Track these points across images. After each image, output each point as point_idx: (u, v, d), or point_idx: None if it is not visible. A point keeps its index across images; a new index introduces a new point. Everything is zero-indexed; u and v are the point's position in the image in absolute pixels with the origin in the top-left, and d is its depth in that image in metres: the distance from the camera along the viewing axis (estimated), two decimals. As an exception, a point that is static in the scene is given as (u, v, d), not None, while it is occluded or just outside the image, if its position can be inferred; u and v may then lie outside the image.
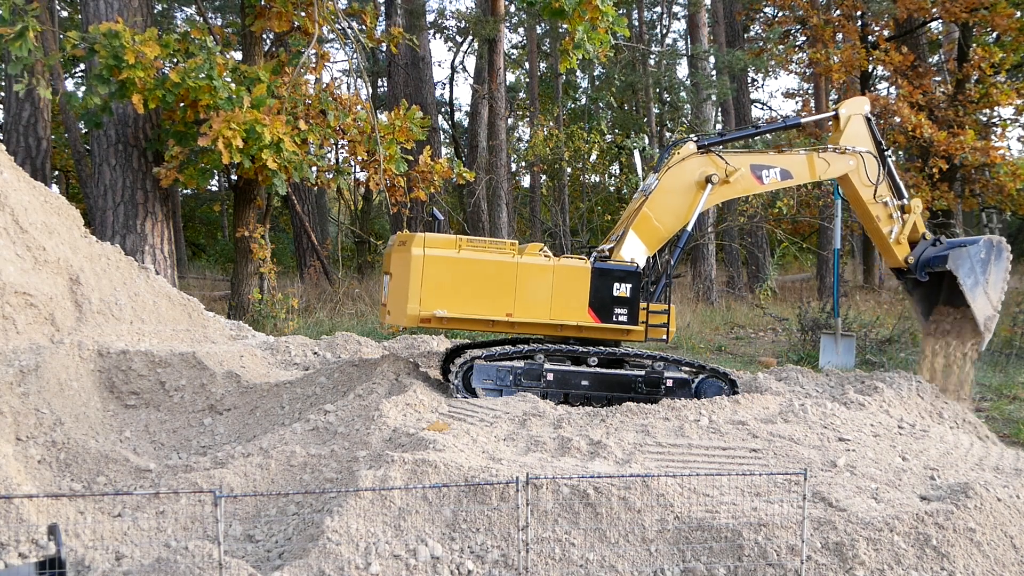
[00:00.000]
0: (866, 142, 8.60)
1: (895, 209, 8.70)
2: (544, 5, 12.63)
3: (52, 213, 9.14)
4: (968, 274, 8.41)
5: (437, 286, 7.17)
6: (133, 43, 11.14)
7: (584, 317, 7.45)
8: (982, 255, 8.46)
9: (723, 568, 4.58)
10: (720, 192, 8.23)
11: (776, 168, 8.35)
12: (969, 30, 21.41)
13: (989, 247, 8.52)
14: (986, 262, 8.49)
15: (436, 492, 4.87)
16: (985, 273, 8.47)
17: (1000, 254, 8.56)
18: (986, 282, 8.50)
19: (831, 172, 8.51)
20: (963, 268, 8.40)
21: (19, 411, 6.23)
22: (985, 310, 8.59)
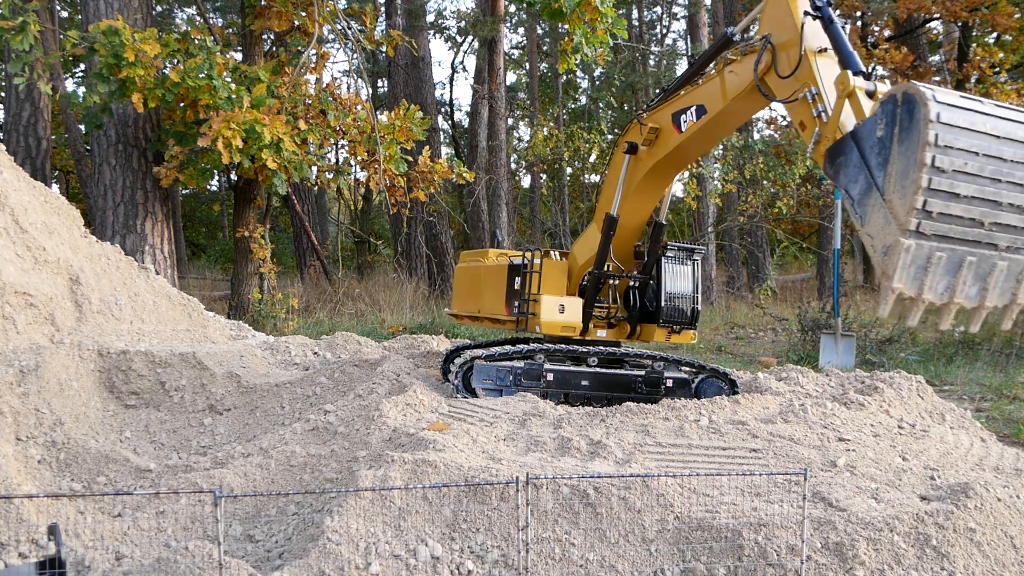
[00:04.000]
0: (787, 25, 5.63)
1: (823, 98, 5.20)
2: (543, 6, 12.63)
3: (52, 213, 9.14)
4: (853, 179, 4.62)
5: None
6: (133, 41, 11.14)
7: (501, 311, 8.01)
8: (879, 133, 4.46)
9: (723, 568, 4.58)
10: (645, 160, 7.07)
11: (692, 108, 6.59)
12: (969, 30, 21.42)
13: (889, 114, 4.35)
14: (885, 144, 4.40)
15: (436, 492, 4.87)
16: (885, 165, 4.37)
17: (911, 117, 4.20)
18: (887, 180, 4.36)
19: (741, 83, 6.09)
20: (846, 172, 4.67)
21: (19, 411, 6.23)
22: (881, 232, 4.36)
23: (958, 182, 4.05)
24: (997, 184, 4.10)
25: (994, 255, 4.17)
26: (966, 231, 4.13)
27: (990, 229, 4.15)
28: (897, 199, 4.16)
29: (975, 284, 4.18)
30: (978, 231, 4.13)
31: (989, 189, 4.09)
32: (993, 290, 4.20)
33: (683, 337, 7.77)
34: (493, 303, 8.16)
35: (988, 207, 4.10)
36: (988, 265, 4.15)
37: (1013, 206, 4.11)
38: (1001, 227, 4.15)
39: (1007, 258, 4.20)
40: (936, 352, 13.06)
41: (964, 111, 4.03)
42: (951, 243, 4.12)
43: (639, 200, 7.43)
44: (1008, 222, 4.14)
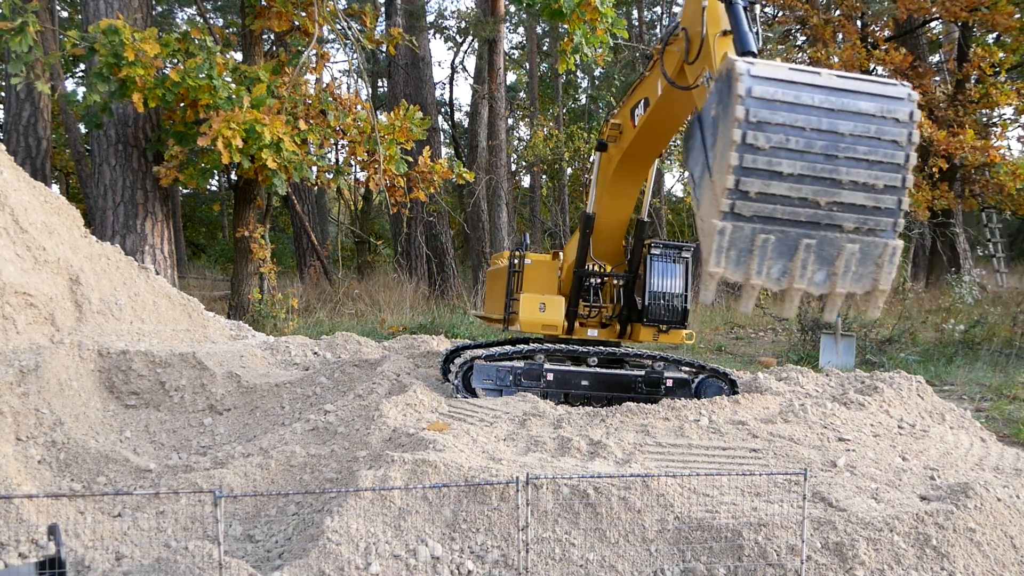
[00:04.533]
0: (694, 11, 5.29)
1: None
2: (543, 6, 12.63)
3: (52, 213, 9.14)
4: (696, 162, 4.23)
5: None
6: (133, 40, 11.14)
7: (500, 310, 8.06)
8: (712, 113, 4.06)
9: (723, 568, 4.58)
10: (613, 156, 7.09)
11: (640, 101, 6.60)
12: (969, 30, 21.43)
13: (718, 92, 3.98)
14: (716, 123, 4.00)
15: (436, 492, 4.87)
16: (714, 146, 3.97)
17: (729, 94, 3.82)
18: (714, 161, 3.96)
19: (670, 65, 5.80)
20: (691, 155, 4.34)
21: (19, 411, 6.23)
22: (708, 215, 3.97)
23: (780, 159, 3.70)
24: (834, 160, 3.70)
25: (840, 237, 3.76)
26: (797, 211, 3.75)
27: (830, 209, 3.74)
28: (717, 180, 3.84)
29: (821, 268, 3.80)
30: (814, 211, 3.75)
31: (823, 166, 3.70)
32: (845, 275, 3.81)
33: (673, 336, 7.64)
34: (496, 304, 8.25)
35: (824, 186, 3.72)
36: (834, 248, 3.76)
37: (857, 184, 3.71)
38: (844, 207, 3.74)
39: (859, 240, 3.77)
40: (936, 352, 13.06)
41: (787, 84, 3.71)
42: (780, 225, 3.76)
43: (614, 197, 7.46)
44: (852, 201, 3.73)
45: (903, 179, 3.73)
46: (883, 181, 3.72)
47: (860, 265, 3.79)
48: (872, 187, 3.72)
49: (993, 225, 21.78)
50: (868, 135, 3.70)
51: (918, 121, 3.77)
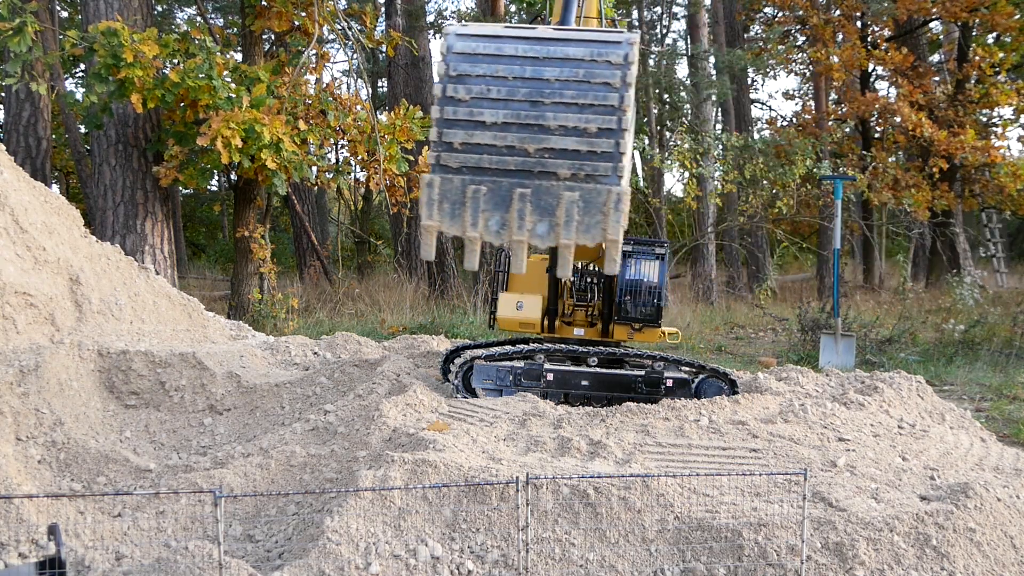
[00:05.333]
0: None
1: None
2: (542, 5, 12.63)
3: (52, 213, 9.14)
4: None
5: None
6: (132, 42, 11.14)
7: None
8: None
9: (723, 568, 4.58)
10: None
11: None
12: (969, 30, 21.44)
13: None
14: None
15: (436, 492, 4.87)
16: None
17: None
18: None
19: None
20: None
21: (19, 411, 6.23)
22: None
23: (482, 109, 3.60)
24: (540, 107, 3.57)
25: (557, 185, 3.58)
26: (506, 160, 3.61)
27: (541, 156, 3.58)
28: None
29: (542, 219, 3.61)
30: (523, 159, 3.60)
31: (529, 112, 3.57)
32: (569, 226, 3.59)
33: (648, 335, 7.59)
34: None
35: (531, 132, 3.58)
36: (552, 197, 3.58)
37: (567, 128, 3.55)
38: (557, 153, 3.57)
39: (579, 188, 3.56)
40: (936, 352, 13.06)
41: (491, 38, 3.68)
42: (490, 175, 3.62)
43: None
44: (564, 147, 3.56)
45: (618, 120, 3.55)
46: (596, 124, 3.56)
47: (584, 214, 3.59)
48: (584, 131, 3.55)
49: (993, 225, 21.78)
50: (576, 79, 3.57)
51: (634, 62, 3.59)
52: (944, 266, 21.66)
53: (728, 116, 25.49)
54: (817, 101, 23.83)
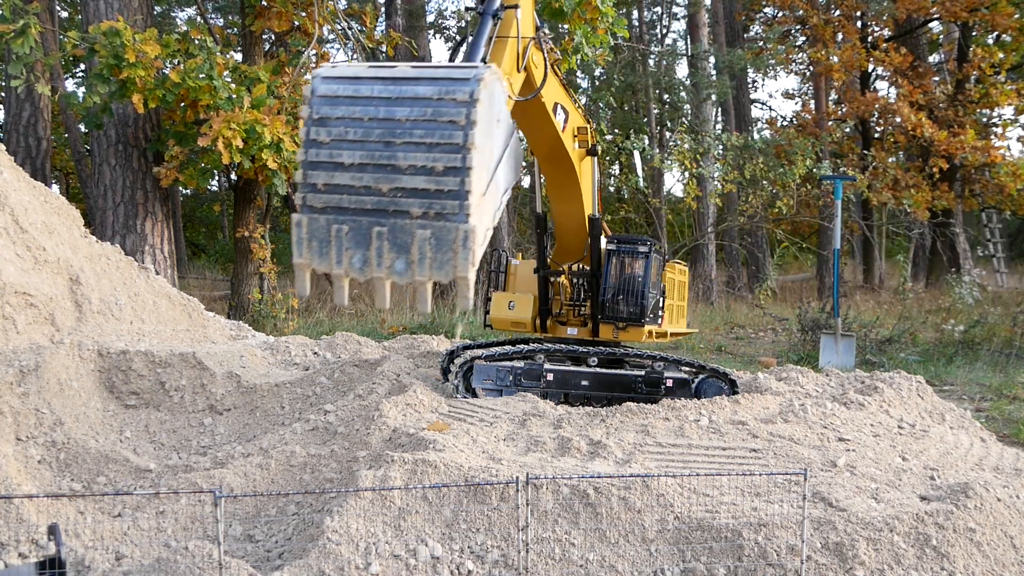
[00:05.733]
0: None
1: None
2: (543, 6, 12.62)
3: (52, 213, 9.14)
4: None
5: None
6: (133, 42, 11.14)
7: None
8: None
9: (723, 568, 4.58)
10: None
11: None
12: (969, 30, 21.43)
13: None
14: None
15: (436, 492, 4.87)
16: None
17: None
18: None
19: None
20: None
21: (19, 411, 6.23)
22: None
23: (341, 151, 3.71)
24: (392, 147, 3.66)
25: (410, 223, 3.66)
26: (363, 200, 3.71)
27: (393, 195, 3.67)
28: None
29: (399, 256, 3.73)
30: (378, 199, 3.69)
31: (382, 153, 3.67)
32: (423, 263, 3.71)
33: (633, 334, 7.51)
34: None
35: (384, 172, 3.68)
36: (406, 235, 3.68)
37: (416, 168, 3.63)
38: (408, 192, 3.66)
39: (430, 225, 3.64)
40: (936, 352, 13.06)
41: (351, 80, 3.78)
42: (351, 214, 3.73)
43: (549, 195, 7.51)
44: (414, 186, 3.64)
45: (463, 159, 3.60)
46: (442, 163, 3.62)
47: (436, 251, 3.68)
48: (432, 170, 3.62)
49: (993, 225, 21.78)
50: (425, 119, 3.63)
51: (481, 99, 3.62)
52: (944, 266, 21.66)
53: (728, 116, 25.49)
54: (817, 101, 23.83)
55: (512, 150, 4.11)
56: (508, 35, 5.08)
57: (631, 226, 24.88)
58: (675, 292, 8.45)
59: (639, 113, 27.73)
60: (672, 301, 8.36)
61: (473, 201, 3.63)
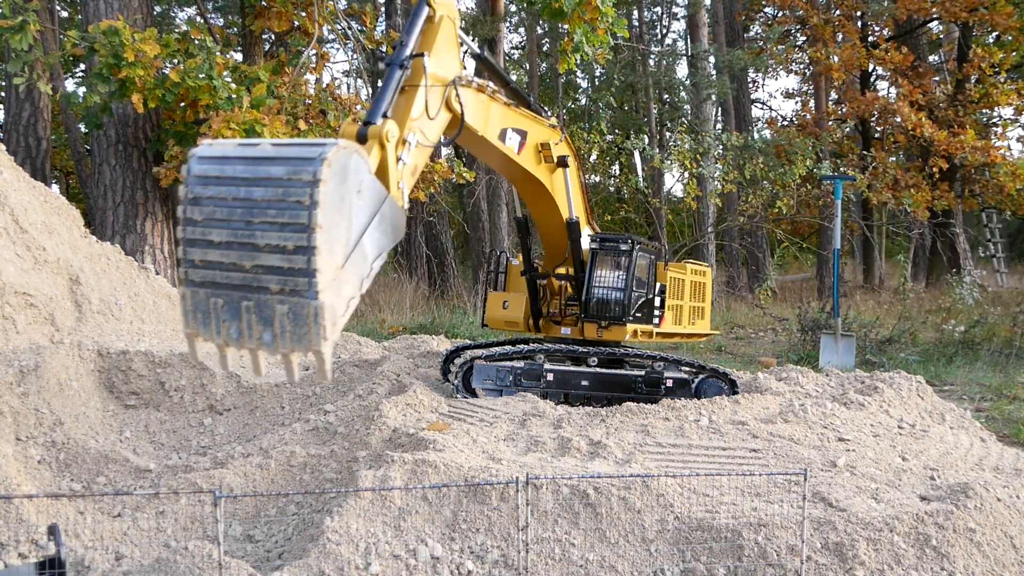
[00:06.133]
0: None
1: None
2: (544, 5, 12.62)
3: (52, 213, 9.14)
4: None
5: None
6: (133, 41, 11.14)
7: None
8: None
9: (723, 568, 4.58)
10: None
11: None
12: (969, 30, 21.43)
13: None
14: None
15: (436, 492, 4.87)
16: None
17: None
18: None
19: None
20: None
21: (19, 411, 6.23)
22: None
23: (212, 229, 3.95)
24: (252, 226, 3.88)
25: (272, 299, 3.89)
26: (231, 276, 3.96)
27: (256, 272, 3.90)
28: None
29: (266, 329, 3.94)
30: (244, 275, 3.93)
31: (244, 232, 3.89)
32: (284, 336, 3.93)
33: (615, 333, 7.46)
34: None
35: (247, 250, 3.90)
36: (270, 310, 3.91)
37: (272, 246, 3.84)
38: (267, 269, 3.87)
39: (288, 301, 3.87)
40: (936, 352, 13.06)
41: (220, 160, 4.01)
42: (224, 289, 3.99)
43: (526, 204, 7.67)
44: (271, 263, 3.85)
45: (309, 238, 3.77)
46: (292, 242, 3.80)
47: (294, 326, 3.88)
48: (284, 248, 3.81)
49: (993, 225, 21.78)
50: (277, 199, 3.82)
51: (324, 179, 3.77)
52: (944, 266, 21.66)
53: (728, 116, 25.49)
54: (817, 101, 23.83)
55: (385, 214, 4.32)
56: (418, 83, 5.23)
57: (631, 226, 24.88)
58: (683, 292, 8.29)
59: (639, 113, 27.73)
60: (679, 301, 8.24)
61: (323, 278, 3.82)
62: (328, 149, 3.85)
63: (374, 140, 4.75)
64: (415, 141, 5.07)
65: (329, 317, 3.87)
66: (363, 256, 4.17)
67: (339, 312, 4.02)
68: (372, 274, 4.32)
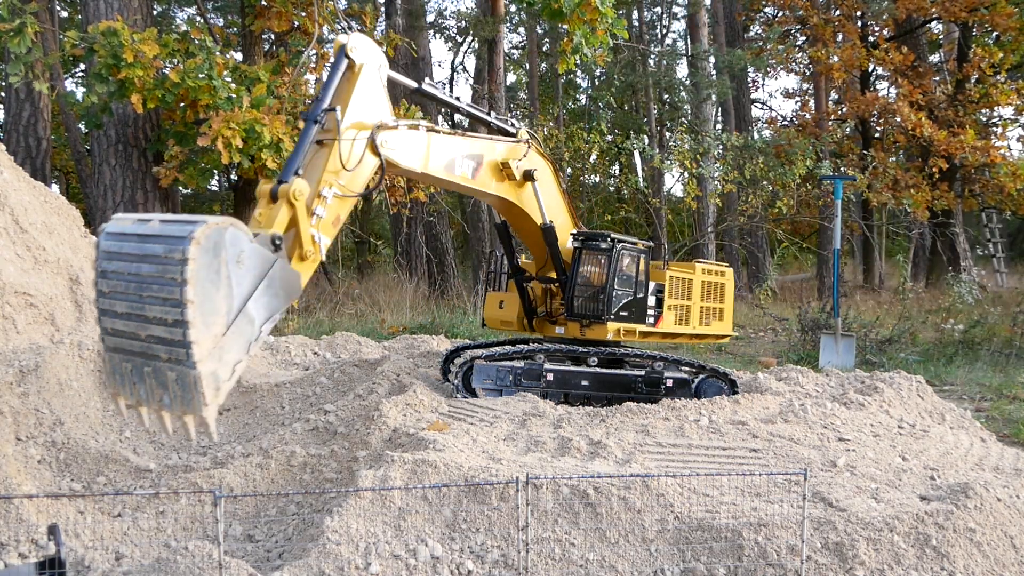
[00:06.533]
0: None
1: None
2: (543, 6, 12.62)
3: (52, 213, 9.14)
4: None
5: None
6: (132, 42, 11.14)
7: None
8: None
9: (723, 568, 4.58)
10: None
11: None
12: (969, 30, 21.42)
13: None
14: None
15: (436, 492, 4.87)
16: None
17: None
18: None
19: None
20: None
21: (19, 411, 6.23)
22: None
23: (116, 301, 4.32)
24: (143, 299, 4.22)
25: (164, 366, 4.25)
26: (133, 344, 4.31)
27: (149, 342, 4.25)
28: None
29: (164, 392, 4.31)
30: (141, 344, 4.28)
31: (137, 304, 4.24)
32: (175, 399, 4.29)
33: (596, 331, 7.45)
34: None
35: (141, 322, 4.25)
36: (163, 376, 4.29)
37: (157, 319, 4.17)
38: (156, 339, 4.22)
39: (175, 369, 4.23)
40: (936, 352, 13.05)
41: (119, 237, 4.35)
42: (130, 354, 4.36)
43: (496, 211, 7.81)
44: (159, 334, 4.19)
45: (182, 313, 4.09)
46: (171, 316, 4.13)
47: (182, 391, 4.25)
48: (165, 321, 4.15)
49: (993, 225, 21.77)
50: (158, 275, 4.18)
51: (192, 258, 4.09)
52: (944, 266, 21.65)
53: (728, 116, 25.49)
54: (817, 101, 23.83)
55: (275, 278, 4.64)
56: (335, 136, 5.42)
57: (631, 226, 24.88)
58: (689, 292, 8.19)
59: (639, 113, 27.73)
60: (683, 301, 8.14)
61: (199, 349, 4.16)
62: (198, 227, 4.13)
63: (283, 199, 4.97)
64: (331, 194, 5.30)
65: (208, 385, 4.26)
66: (249, 321, 4.50)
67: (222, 377, 4.39)
68: (262, 336, 4.66)
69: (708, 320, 8.37)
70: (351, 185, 5.48)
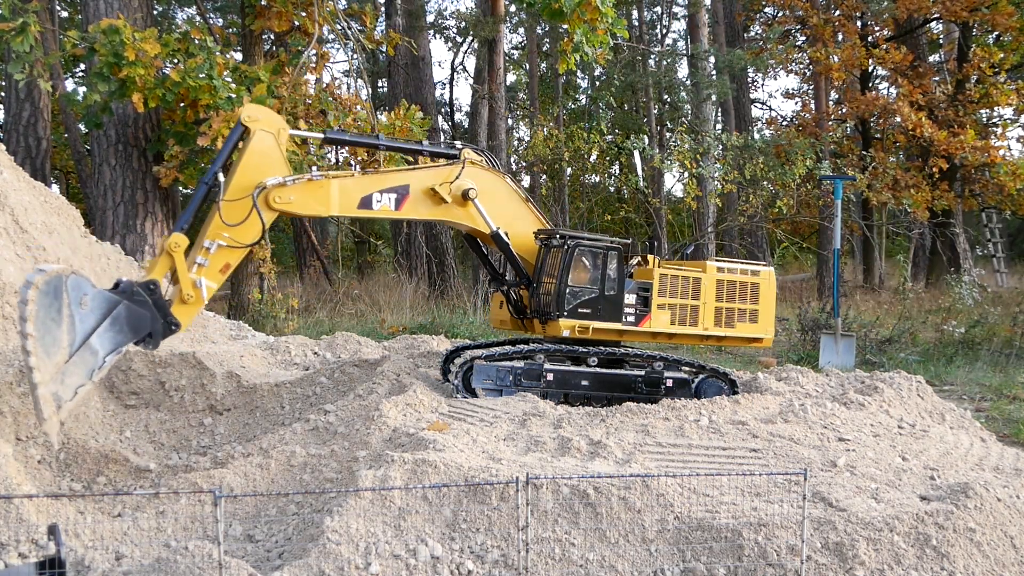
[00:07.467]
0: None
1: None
2: (543, 6, 12.62)
3: (52, 213, 9.14)
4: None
5: None
6: (133, 40, 11.14)
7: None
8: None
9: (723, 568, 4.58)
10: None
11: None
12: (969, 30, 21.41)
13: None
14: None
15: (436, 492, 4.87)
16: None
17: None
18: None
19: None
20: None
21: (19, 411, 6.23)
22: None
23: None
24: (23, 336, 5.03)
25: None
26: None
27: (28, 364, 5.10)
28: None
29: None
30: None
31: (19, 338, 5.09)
32: (36, 414, 5.15)
33: (551, 328, 7.43)
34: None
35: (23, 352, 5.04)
36: (32, 394, 5.11)
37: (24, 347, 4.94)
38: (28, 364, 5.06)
39: (31, 389, 5.04)
40: (936, 352, 13.05)
41: (27, 285, 4.99)
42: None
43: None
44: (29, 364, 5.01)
45: (24, 343, 4.92)
46: (23, 345, 4.93)
47: (34, 407, 5.06)
48: (25, 349, 4.99)
49: (993, 225, 21.76)
50: (19, 314, 4.97)
51: (31, 300, 4.91)
52: (944, 266, 21.64)
53: (728, 116, 25.49)
54: (817, 101, 23.82)
55: (119, 317, 5.62)
56: (219, 198, 6.24)
57: (631, 226, 24.87)
58: (693, 291, 8.01)
59: (639, 113, 27.72)
60: (690, 301, 7.95)
61: (38, 374, 4.97)
62: (38, 276, 4.99)
63: (163, 251, 6.01)
64: (215, 246, 6.19)
65: (47, 403, 5.03)
66: (92, 352, 5.43)
67: (64, 397, 5.21)
68: (107, 364, 5.58)
69: (731, 321, 8.01)
70: (240, 237, 6.30)
